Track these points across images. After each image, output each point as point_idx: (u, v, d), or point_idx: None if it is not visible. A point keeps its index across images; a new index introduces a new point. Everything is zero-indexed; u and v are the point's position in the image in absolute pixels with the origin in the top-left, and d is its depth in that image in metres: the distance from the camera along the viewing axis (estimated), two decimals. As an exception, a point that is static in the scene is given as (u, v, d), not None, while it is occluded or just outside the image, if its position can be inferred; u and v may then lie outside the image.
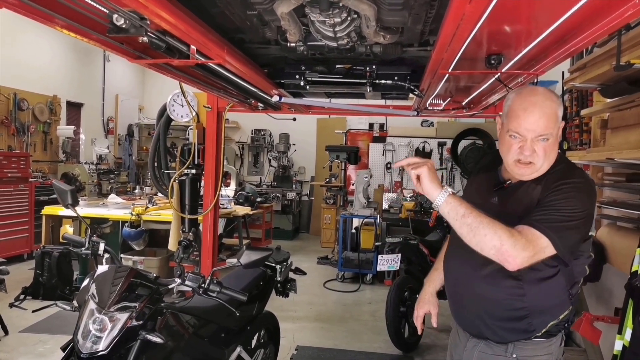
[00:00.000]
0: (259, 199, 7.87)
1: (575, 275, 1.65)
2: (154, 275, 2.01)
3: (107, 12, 1.73)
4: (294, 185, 10.21)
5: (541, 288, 1.60)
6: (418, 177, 1.52)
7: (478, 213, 1.46)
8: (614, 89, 3.06)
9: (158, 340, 1.77)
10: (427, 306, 2.02)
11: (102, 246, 2.12)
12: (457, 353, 1.84)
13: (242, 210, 6.54)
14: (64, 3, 1.72)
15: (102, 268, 1.96)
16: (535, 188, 1.60)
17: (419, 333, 1.93)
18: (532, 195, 1.59)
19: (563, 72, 4.25)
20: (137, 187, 8.04)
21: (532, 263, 1.48)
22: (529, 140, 1.56)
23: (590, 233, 1.66)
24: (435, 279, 2.05)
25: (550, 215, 1.50)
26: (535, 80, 2.46)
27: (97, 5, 1.68)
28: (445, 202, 1.48)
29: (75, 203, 2.15)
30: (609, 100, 3.28)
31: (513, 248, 1.42)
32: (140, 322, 1.80)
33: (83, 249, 2.13)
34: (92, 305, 1.77)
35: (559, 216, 1.49)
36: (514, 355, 1.65)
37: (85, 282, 1.92)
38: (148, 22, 1.77)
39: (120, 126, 10.66)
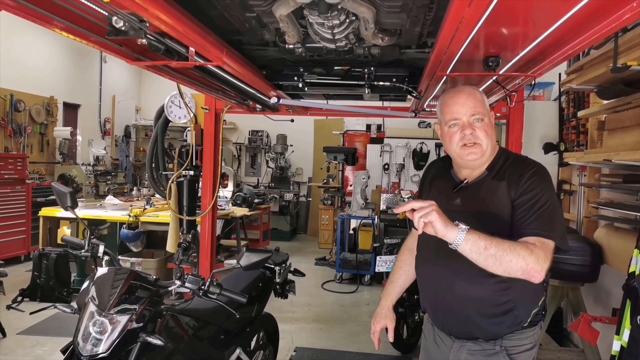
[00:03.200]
0: (256, 200, 7.87)
1: None
2: (154, 277, 2.01)
3: (107, 14, 1.73)
4: (291, 186, 10.22)
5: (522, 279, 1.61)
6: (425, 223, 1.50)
7: (497, 241, 1.47)
8: (611, 91, 3.08)
9: (158, 342, 1.77)
10: (384, 321, 2.02)
11: (101, 248, 2.12)
12: (440, 356, 1.84)
13: (240, 211, 6.54)
14: (63, 5, 1.72)
15: (101, 270, 1.96)
16: (499, 184, 1.66)
17: (377, 348, 1.91)
18: (499, 193, 1.65)
19: (560, 74, 4.27)
20: (135, 188, 8.03)
21: None
22: (465, 120, 1.69)
23: None
24: (391, 293, 2.06)
25: (543, 218, 1.57)
26: (533, 82, 2.47)
27: (97, 8, 1.68)
28: (465, 240, 1.46)
29: (74, 205, 2.15)
30: (605, 101, 3.30)
31: (537, 263, 1.48)
32: (141, 325, 1.80)
33: (83, 251, 2.13)
34: (92, 307, 1.77)
35: (548, 214, 1.57)
36: (502, 347, 1.69)
37: (85, 285, 1.92)
38: (147, 24, 1.77)
39: (117, 127, 10.64)
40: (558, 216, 1.61)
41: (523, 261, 1.46)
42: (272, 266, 3.05)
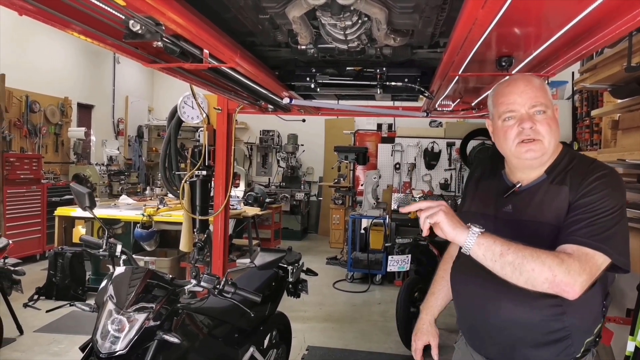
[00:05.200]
0: (267, 200, 7.91)
1: (608, 283, 1.48)
2: (170, 276, 2.04)
3: (123, 18, 1.77)
4: (302, 186, 10.24)
5: (581, 303, 1.35)
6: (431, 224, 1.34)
7: (516, 246, 1.28)
8: (625, 90, 3.06)
9: (175, 340, 1.80)
10: (425, 337, 1.84)
11: (119, 248, 2.16)
12: None
13: (252, 210, 6.57)
14: (81, 10, 1.75)
15: (119, 269, 1.99)
16: (560, 190, 1.42)
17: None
18: (559, 201, 1.41)
19: (573, 73, 4.25)
20: (147, 188, 8.12)
21: (590, 283, 1.29)
22: (524, 112, 1.46)
23: None
24: (432, 306, 1.86)
25: (594, 226, 1.32)
26: (547, 82, 2.46)
27: (114, 12, 1.71)
28: (477, 244, 1.28)
29: (92, 205, 2.19)
30: (619, 101, 3.27)
31: (568, 275, 1.25)
32: (158, 323, 1.83)
33: (100, 250, 2.17)
34: (110, 306, 1.81)
35: (603, 223, 1.32)
36: None
37: (104, 284, 1.96)
38: (163, 27, 1.80)
39: (130, 127, 10.75)
40: (619, 229, 1.33)
41: (549, 272, 1.24)
42: (285, 265, 3.07)
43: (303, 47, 2.40)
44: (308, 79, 3.00)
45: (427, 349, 1.85)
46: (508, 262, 1.27)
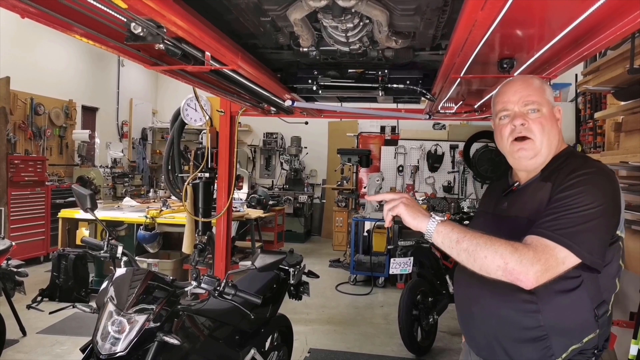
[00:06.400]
0: (271, 202, 7.91)
1: (602, 291, 1.42)
2: (171, 278, 2.04)
3: (125, 20, 1.77)
4: (305, 188, 10.25)
5: (559, 303, 1.38)
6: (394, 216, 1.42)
7: (473, 234, 1.33)
8: (628, 92, 3.05)
9: (175, 342, 1.80)
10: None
11: (120, 249, 2.16)
12: None
13: (255, 213, 6.58)
14: (83, 12, 1.76)
15: (120, 271, 2.00)
16: (544, 186, 1.44)
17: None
18: (541, 195, 1.43)
19: (576, 75, 4.23)
20: (151, 190, 8.14)
21: (553, 277, 1.28)
22: (517, 110, 1.50)
23: (618, 233, 1.42)
24: None
25: (561, 220, 1.31)
26: (549, 84, 2.45)
27: (116, 14, 1.72)
28: (436, 232, 1.36)
29: (94, 207, 2.19)
30: (623, 102, 3.26)
31: (519, 264, 1.26)
32: (158, 324, 1.84)
33: (102, 252, 2.18)
34: (110, 307, 1.81)
35: (572, 217, 1.31)
36: None
37: (104, 285, 1.96)
38: (164, 30, 1.81)
39: (134, 130, 10.79)
40: (592, 226, 1.31)
41: (501, 259, 1.27)
42: (287, 268, 3.07)
43: (305, 49, 2.40)
44: (310, 81, 3.01)
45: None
46: (463, 249, 1.32)
